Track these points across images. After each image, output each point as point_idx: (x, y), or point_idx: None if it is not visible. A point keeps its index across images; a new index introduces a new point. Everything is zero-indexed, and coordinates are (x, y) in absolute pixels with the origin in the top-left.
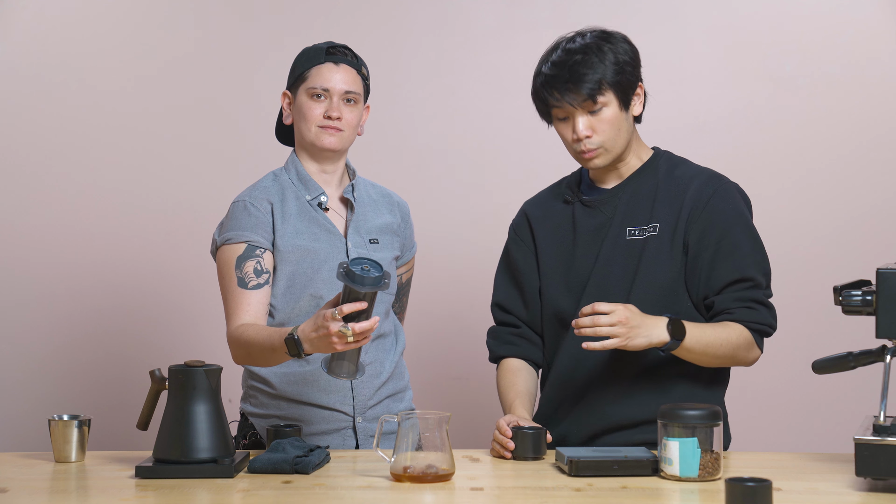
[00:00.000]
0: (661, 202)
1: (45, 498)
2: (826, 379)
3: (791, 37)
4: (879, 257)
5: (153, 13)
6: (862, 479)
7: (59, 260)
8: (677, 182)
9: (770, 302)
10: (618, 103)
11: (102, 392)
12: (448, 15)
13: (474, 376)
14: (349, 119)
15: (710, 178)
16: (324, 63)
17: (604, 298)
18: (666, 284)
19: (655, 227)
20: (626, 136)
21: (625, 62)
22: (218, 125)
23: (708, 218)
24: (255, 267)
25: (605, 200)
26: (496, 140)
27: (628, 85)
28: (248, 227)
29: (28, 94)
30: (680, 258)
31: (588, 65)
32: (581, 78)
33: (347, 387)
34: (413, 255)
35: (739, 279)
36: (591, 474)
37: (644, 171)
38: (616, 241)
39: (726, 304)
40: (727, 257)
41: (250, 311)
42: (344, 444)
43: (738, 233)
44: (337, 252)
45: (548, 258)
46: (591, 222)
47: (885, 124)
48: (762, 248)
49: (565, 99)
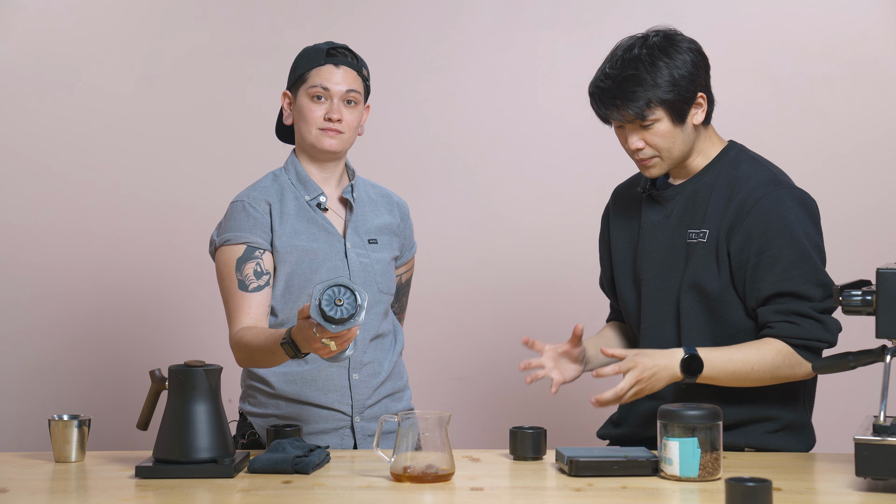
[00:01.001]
0: (713, 205)
1: (45, 498)
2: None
3: (791, 37)
4: (879, 257)
5: (153, 13)
6: (862, 479)
7: (59, 260)
8: (733, 184)
9: (821, 315)
10: (670, 119)
11: (102, 392)
12: (447, 15)
13: (474, 376)
14: (349, 120)
15: (763, 183)
16: (324, 65)
17: (657, 301)
18: (714, 293)
19: (706, 234)
20: (683, 146)
21: (680, 77)
22: (218, 125)
23: (749, 227)
24: (255, 269)
25: (669, 197)
26: (496, 140)
27: (682, 101)
28: (246, 227)
29: (28, 94)
30: (727, 267)
31: (638, 82)
32: (629, 97)
33: (346, 387)
34: (413, 255)
35: (779, 293)
36: (591, 474)
37: (709, 168)
38: (674, 242)
39: (767, 318)
40: (767, 271)
41: (251, 313)
42: (342, 444)
43: (780, 245)
44: (336, 252)
45: (618, 249)
46: (653, 218)
47: (885, 124)
48: (811, 260)
49: (612, 116)
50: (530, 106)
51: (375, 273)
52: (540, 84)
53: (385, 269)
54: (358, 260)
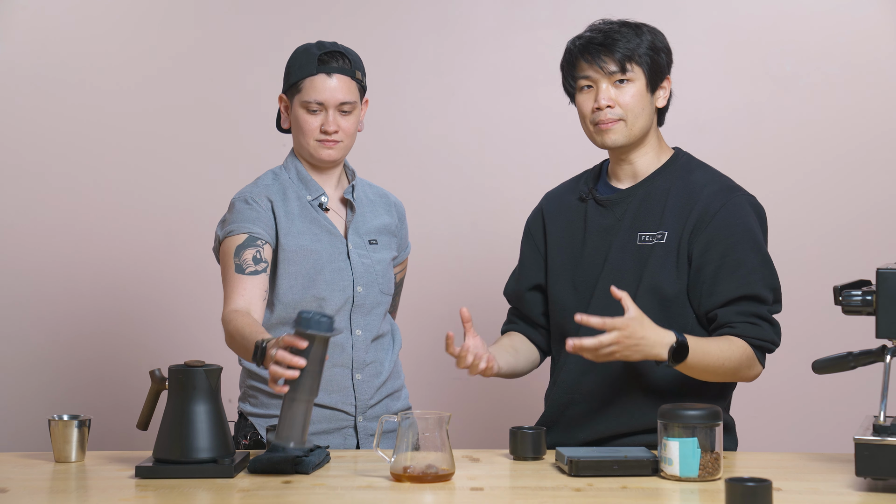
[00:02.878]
0: (670, 209)
1: (45, 498)
2: (826, 379)
3: (791, 37)
4: (879, 257)
5: (153, 13)
6: (862, 479)
7: (59, 260)
8: (690, 189)
9: (775, 319)
10: (645, 81)
11: (102, 392)
12: (447, 15)
13: (474, 376)
14: (346, 128)
15: (723, 189)
16: (316, 74)
17: (611, 304)
18: (671, 295)
19: (664, 235)
20: (647, 119)
21: (660, 48)
22: (218, 125)
23: (713, 232)
24: (255, 255)
25: (618, 201)
26: (495, 140)
27: (659, 69)
28: (249, 219)
29: (28, 94)
30: (685, 270)
31: (625, 36)
32: (615, 44)
33: (349, 387)
34: (407, 255)
35: (743, 296)
36: (591, 474)
37: (660, 173)
38: (625, 245)
39: (729, 318)
40: (731, 273)
41: (245, 295)
42: (345, 444)
43: (744, 249)
44: (339, 253)
45: (556, 255)
46: (602, 222)
47: (885, 124)
48: (769, 264)
49: (596, 62)
50: (530, 106)
51: (377, 274)
52: (540, 84)
53: (385, 269)
54: (360, 261)
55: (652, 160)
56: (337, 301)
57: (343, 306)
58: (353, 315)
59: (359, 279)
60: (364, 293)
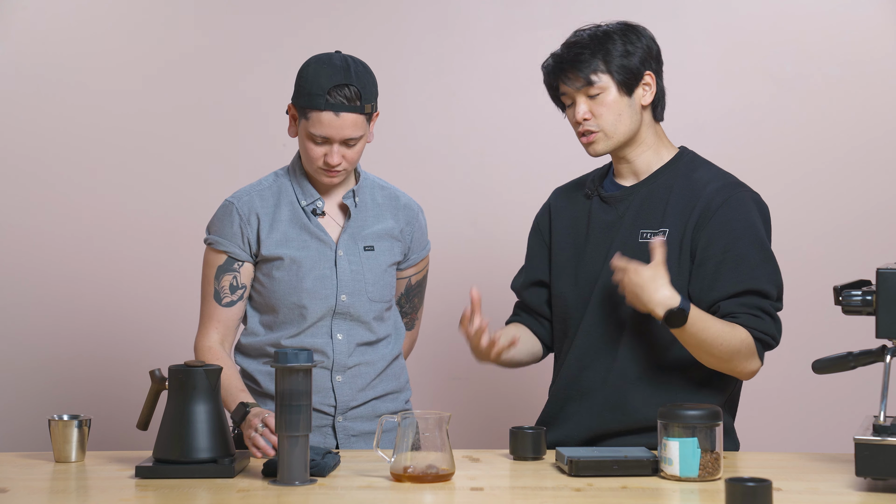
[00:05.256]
0: (673, 206)
1: (45, 498)
2: (826, 379)
3: (791, 37)
4: (879, 257)
5: (153, 13)
6: (862, 479)
7: (58, 260)
8: (693, 186)
9: (777, 315)
10: (617, 88)
11: (102, 392)
12: (448, 15)
13: (474, 376)
14: (351, 156)
15: (726, 185)
16: (324, 111)
17: (612, 300)
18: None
19: (665, 232)
20: (630, 124)
21: (632, 51)
22: (218, 126)
23: (716, 227)
24: (232, 282)
25: (621, 198)
26: (496, 140)
27: (630, 71)
28: (229, 235)
29: (28, 94)
30: (687, 266)
31: (588, 48)
32: (578, 59)
33: (329, 387)
34: (424, 256)
35: (746, 290)
36: (591, 474)
37: (663, 171)
38: (627, 242)
39: (731, 309)
40: (734, 268)
41: (220, 328)
42: (324, 442)
43: (747, 244)
44: (325, 261)
45: (560, 250)
46: (605, 219)
47: (885, 124)
48: (772, 260)
49: (563, 82)
50: (531, 106)
51: (366, 282)
52: (540, 84)
53: (379, 277)
54: (349, 268)
55: (652, 158)
56: (318, 310)
57: (325, 315)
58: (334, 321)
59: (343, 287)
60: (349, 302)
